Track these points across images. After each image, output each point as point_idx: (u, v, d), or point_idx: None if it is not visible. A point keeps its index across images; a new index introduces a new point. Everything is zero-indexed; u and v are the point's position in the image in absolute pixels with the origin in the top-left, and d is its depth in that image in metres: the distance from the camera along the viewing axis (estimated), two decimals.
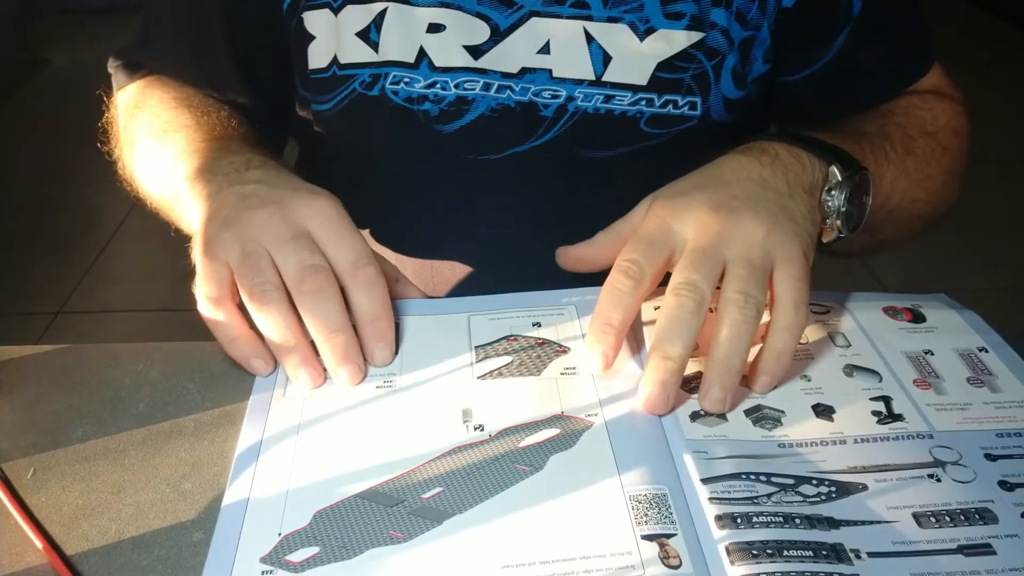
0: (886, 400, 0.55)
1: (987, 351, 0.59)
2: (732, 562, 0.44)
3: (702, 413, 0.53)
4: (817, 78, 0.78)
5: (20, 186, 2.60)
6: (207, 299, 0.57)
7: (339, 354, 0.55)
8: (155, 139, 0.73)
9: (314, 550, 0.46)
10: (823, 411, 0.54)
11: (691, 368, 0.56)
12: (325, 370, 0.56)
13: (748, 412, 0.54)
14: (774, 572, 0.43)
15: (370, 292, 0.57)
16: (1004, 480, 0.49)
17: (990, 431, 0.52)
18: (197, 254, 0.59)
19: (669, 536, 0.46)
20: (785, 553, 0.44)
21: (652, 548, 0.45)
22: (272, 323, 0.55)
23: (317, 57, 0.75)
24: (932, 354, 0.58)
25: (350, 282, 0.57)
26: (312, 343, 0.56)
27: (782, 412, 0.54)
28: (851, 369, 0.57)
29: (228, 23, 0.78)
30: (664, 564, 0.44)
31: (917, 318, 0.62)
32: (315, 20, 0.74)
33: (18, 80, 3.27)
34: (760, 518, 0.46)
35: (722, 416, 0.53)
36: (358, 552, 0.46)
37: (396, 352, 0.59)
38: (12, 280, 2.20)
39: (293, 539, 0.46)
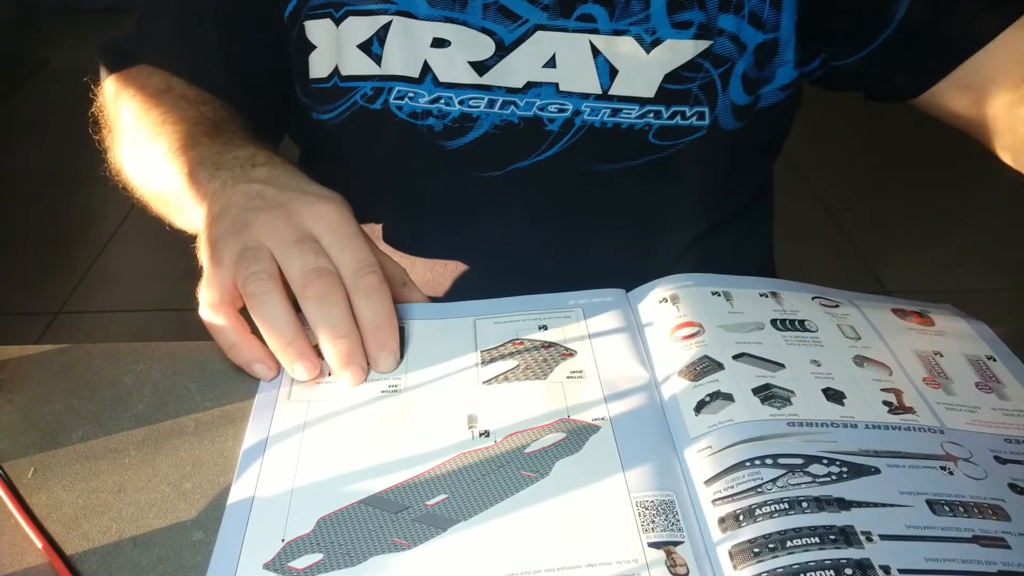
0: (897, 392, 0.54)
1: (995, 360, 0.58)
2: (735, 566, 0.44)
3: (706, 401, 0.53)
4: (897, 42, 0.72)
5: (20, 186, 2.59)
6: (208, 304, 0.56)
7: (343, 359, 0.55)
8: (151, 130, 0.71)
9: (318, 557, 0.45)
10: (833, 395, 0.53)
11: (689, 355, 0.55)
12: (321, 359, 0.56)
13: (757, 391, 0.53)
14: (776, 568, 0.43)
15: (372, 301, 0.56)
16: (1015, 483, 0.48)
17: (999, 435, 0.52)
18: (203, 256, 0.58)
19: (676, 544, 0.45)
20: (789, 544, 0.44)
21: (659, 556, 0.45)
22: (267, 314, 0.55)
23: (318, 67, 0.74)
24: (941, 356, 0.58)
25: (352, 290, 0.56)
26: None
27: (792, 392, 0.53)
28: (861, 360, 0.57)
29: (225, 26, 0.76)
30: (671, 572, 0.44)
31: (925, 321, 0.62)
32: (316, 29, 0.73)
33: (18, 80, 3.27)
34: (764, 508, 0.46)
35: (728, 397, 0.53)
36: (362, 559, 0.45)
37: (402, 357, 0.58)
38: (12, 280, 2.20)
39: (297, 545, 0.46)
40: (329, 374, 0.57)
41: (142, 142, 0.72)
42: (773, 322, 0.59)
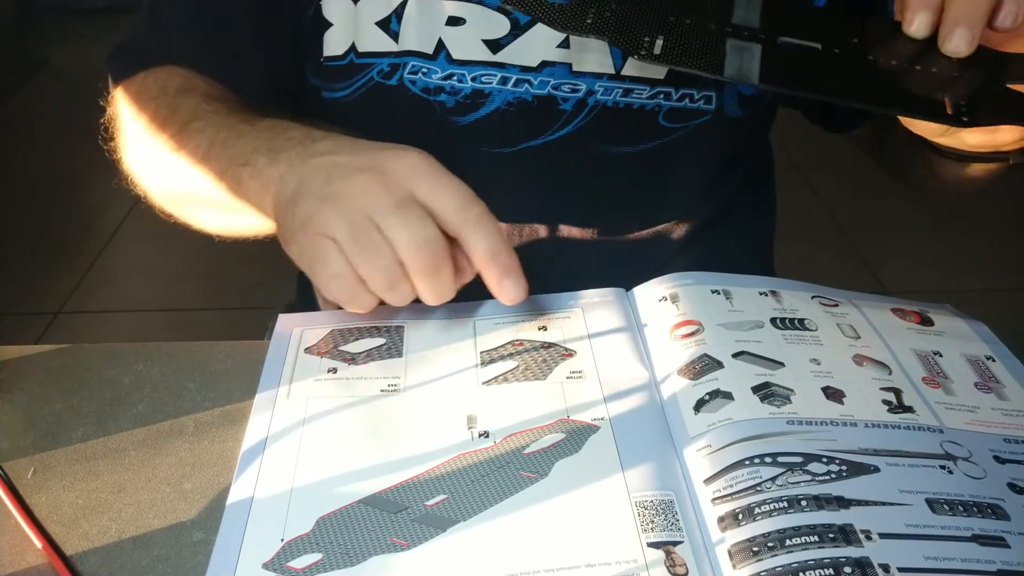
0: (896, 392, 0.54)
1: (994, 360, 0.58)
2: (735, 565, 0.44)
3: (706, 399, 0.53)
4: None
5: (20, 186, 2.59)
6: (334, 279, 0.55)
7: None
8: (180, 130, 0.69)
9: (317, 557, 0.45)
10: (833, 394, 0.53)
11: (688, 353, 0.55)
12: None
13: (756, 389, 0.53)
14: (775, 567, 0.43)
15: (482, 231, 0.55)
16: (1013, 483, 0.48)
17: (998, 435, 0.52)
18: (297, 237, 0.56)
19: (675, 544, 0.45)
20: (788, 543, 0.44)
21: (658, 556, 0.45)
22: (402, 301, 0.55)
23: (333, 44, 0.75)
24: (941, 355, 0.58)
25: (460, 227, 0.55)
26: None
27: (791, 391, 0.53)
28: (861, 359, 0.57)
29: (257, 26, 0.75)
30: (670, 572, 0.44)
31: (925, 321, 0.62)
32: (333, 8, 0.74)
33: (18, 80, 3.26)
34: (763, 507, 0.46)
35: (728, 396, 0.53)
36: (361, 559, 0.45)
37: (401, 357, 0.58)
38: (12, 280, 2.20)
39: (296, 545, 0.46)
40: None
41: (172, 143, 0.70)
42: (773, 321, 0.59)
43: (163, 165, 0.71)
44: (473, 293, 0.65)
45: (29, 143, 2.82)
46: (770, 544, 0.44)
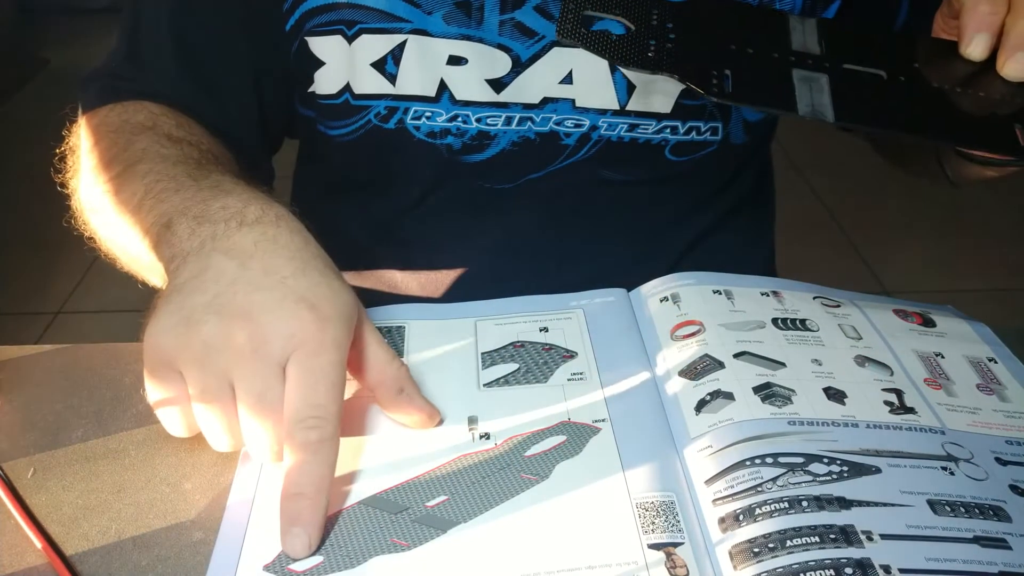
0: (898, 393, 0.54)
1: (996, 362, 0.58)
2: (735, 566, 0.44)
3: (707, 400, 0.53)
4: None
5: (20, 186, 2.59)
6: (162, 406, 0.51)
7: None
8: (124, 170, 0.62)
9: (318, 559, 0.45)
10: (834, 394, 0.53)
11: (689, 354, 0.55)
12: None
13: (757, 389, 0.53)
14: (776, 568, 0.43)
15: (301, 459, 0.46)
16: (1015, 485, 0.48)
17: (1000, 437, 0.52)
18: (153, 336, 0.49)
19: (676, 545, 0.45)
20: (789, 544, 0.43)
21: (659, 557, 0.45)
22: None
23: (326, 83, 0.73)
24: (942, 357, 0.58)
25: (286, 438, 0.47)
26: None
27: (792, 391, 0.53)
28: (863, 360, 0.57)
29: (247, 40, 0.72)
30: (671, 574, 0.44)
31: (927, 323, 0.62)
32: (324, 46, 0.71)
33: (18, 80, 3.26)
34: (764, 508, 0.46)
35: (729, 396, 0.53)
36: (362, 560, 0.45)
37: (402, 356, 0.58)
38: (12, 280, 2.20)
39: None
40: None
41: (112, 184, 0.63)
42: (774, 321, 0.59)
43: (102, 208, 0.64)
44: (474, 293, 0.65)
45: (29, 143, 2.82)
46: (771, 545, 0.44)
